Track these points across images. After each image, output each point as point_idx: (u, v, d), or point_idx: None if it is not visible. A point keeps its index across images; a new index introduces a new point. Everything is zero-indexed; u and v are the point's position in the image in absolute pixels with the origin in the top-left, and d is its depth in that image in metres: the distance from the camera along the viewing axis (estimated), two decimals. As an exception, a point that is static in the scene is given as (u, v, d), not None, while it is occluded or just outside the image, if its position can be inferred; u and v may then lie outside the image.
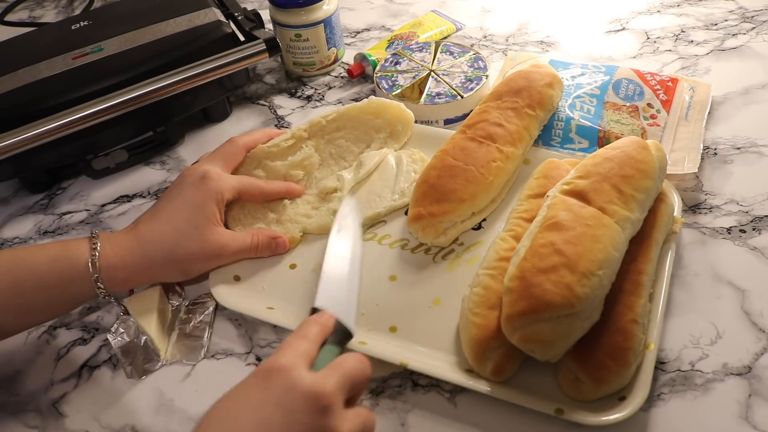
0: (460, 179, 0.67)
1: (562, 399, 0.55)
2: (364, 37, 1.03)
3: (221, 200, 0.66)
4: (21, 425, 0.60)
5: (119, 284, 0.63)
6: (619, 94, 0.79)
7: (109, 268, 0.61)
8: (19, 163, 0.78)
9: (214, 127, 0.90)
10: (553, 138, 0.76)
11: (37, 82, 0.77)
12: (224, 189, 0.66)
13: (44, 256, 0.61)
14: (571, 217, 0.57)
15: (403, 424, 0.57)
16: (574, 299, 0.52)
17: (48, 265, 0.60)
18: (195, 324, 0.65)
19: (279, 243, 0.69)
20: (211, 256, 0.65)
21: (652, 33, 0.96)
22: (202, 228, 0.64)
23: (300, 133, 0.76)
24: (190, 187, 0.65)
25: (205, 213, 0.64)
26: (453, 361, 0.59)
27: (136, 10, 0.88)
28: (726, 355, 0.58)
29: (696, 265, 0.65)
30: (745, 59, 0.89)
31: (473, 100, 0.82)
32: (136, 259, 0.62)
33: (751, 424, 0.54)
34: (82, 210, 0.81)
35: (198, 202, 0.64)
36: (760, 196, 0.71)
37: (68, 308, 0.64)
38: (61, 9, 1.22)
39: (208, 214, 0.64)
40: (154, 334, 0.62)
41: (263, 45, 0.81)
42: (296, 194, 0.73)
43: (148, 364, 0.63)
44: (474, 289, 0.60)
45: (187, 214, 0.64)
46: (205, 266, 0.66)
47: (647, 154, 0.63)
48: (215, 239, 0.65)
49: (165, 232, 0.63)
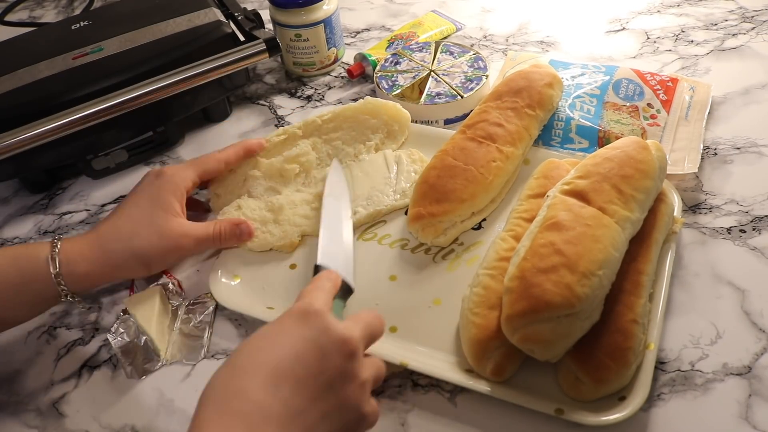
0: (460, 179, 0.67)
1: (562, 399, 0.55)
2: (364, 37, 1.03)
3: (178, 191, 0.67)
4: (21, 425, 0.60)
5: (81, 280, 0.62)
6: (619, 94, 0.79)
7: (69, 263, 0.61)
8: (19, 163, 0.78)
9: (214, 127, 0.90)
10: (553, 138, 0.76)
11: (37, 82, 0.77)
12: (180, 180, 0.67)
13: (5, 256, 0.61)
14: (571, 217, 0.57)
15: (403, 424, 0.57)
16: (574, 299, 0.52)
17: (9, 262, 0.60)
18: (195, 324, 0.65)
19: (243, 230, 0.69)
20: (171, 246, 0.65)
21: (652, 33, 0.96)
22: (160, 219, 0.64)
23: (293, 130, 0.76)
24: (146, 185, 0.67)
25: (162, 204, 0.65)
26: (453, 361, 0.59)
27: (136, 10, 0.88)
28: (726, 355, 0.58)
29: (696, 265, 0.65)
30: (745, 59, 0.89)
31: (473, 100, 0.82)
32: (96, 253, 0.63)
33: (751, 424, 0.54)
34: (82, 210, 0.81)
35: (154, 195, 0.66)
36: (760, 196, 0.71)
37: (32, 310, 0.63)
38: (61, 9, 1.22)
39: (165, 205, 0.65)
40: (153, 334, 0.62)
41: (263, 45, 0.81)
42: (254, 149, 0.74)
43: (148, 364, 0.62)
44: (474, 289, 0.60)
45: (144, 207, 0.65)
46: (167, 257, 0.66)
47: (647, 154, 0.63)
48: (173, 229, 0.65)
49: (123, 225, 0.64)
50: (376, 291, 0.65)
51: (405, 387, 0.59)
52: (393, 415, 0.57)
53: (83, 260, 0.62)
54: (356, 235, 0.71)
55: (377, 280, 0.66)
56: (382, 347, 0.59)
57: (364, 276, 0.67)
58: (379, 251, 0.69)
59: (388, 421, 0.57)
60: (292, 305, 0.50)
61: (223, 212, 0.72)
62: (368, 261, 0.68)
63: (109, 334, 0.63)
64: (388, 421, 0.57)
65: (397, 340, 0.61)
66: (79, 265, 0.62)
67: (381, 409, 0.58)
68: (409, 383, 0.60)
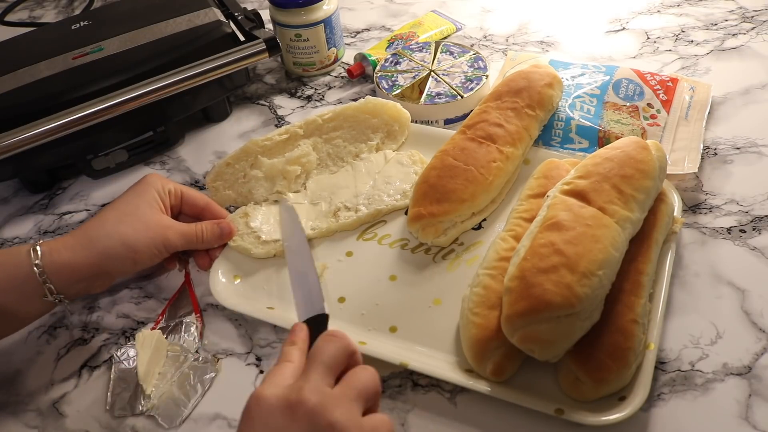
0: (461, 179, 0.67)
1: (562, 399, 0.55)
2: (364, 37, 1.03)
3: (161, 189, 0.67)
4: (21, 425, 0.60)
5: (64, 271, 0.60)
6: (619, 94, 0.79)
7: (51, 252, 0.60)
8: (19, 163, 0.78)
9: (214, 127, 0.90)
10: (553, 138, 0.76)
11: (37, 82, 0.77)
12: (164, 180, 0.68)
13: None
14: (571, 217, 0.57)
15: (403, 424, 0.57)
16: (574, 299, 0.52)
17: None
18: (190, 384, 0.61)
19: (224, 228, 0.69)
20: (157, 238, 0.64)
21: (652, 33, 0.96)
22: (145, 210, 0.65)
23: (295, 129, 0.76)
24: (131, 187, 0.68)
25: (147, 198, 0.66)
26: (453, 361, 0.59)
27: (136, 10, 0.88)
28: (726, 355, 0.58)
29: (696, 265, 0.65)
30: (745, 59, 0.89)
31: (473, 100, 0.82)
32: (80, 240, 0.62)
33: (751, 424, 0.54)
34: (82, 210, 0.81)
35: (139, 191, 0.66)
36: (760, 196, 0.71)
37: (19, 313, 0.61)
38: (61, 9, 1.22)
39: (150, 199, 0.66)
40: (142, 378, 0.60)
41: (263, 45, 0.81)
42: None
43: (134, 403, 0.60)
44: (474, 289, 0.60)
45: (129, 201, 0.65)
46: (153, 250, 0.64)
47: (647, 154, 0.63)
48: (159, 221, 0.65)
49: (109, 216, 0.64)
50: (376, 291, 0.65)
51: (405, 387, 0.59)
52: (393, 415, 0.57)
53: (66, 249, 0.61)
54: (356, 235, 0.71)
55: (377, 280, 0.66)
56: (382, 347, 0.60)
57: (364, 276, 0.67)
58: (379, 251, 0.69)
59: (388, 421, 0.57)
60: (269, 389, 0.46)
61: (231, 219, 0.71)
62: (368, 261, 0.68)
63: (116, 352, 0.63)
64: (388, 421, 0.57)
65: (397, 340, 0.61)
66: (62, 254, 0.60)
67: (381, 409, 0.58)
68: (409, 383, 0.60)
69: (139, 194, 0.66)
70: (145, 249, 0.64)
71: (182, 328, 0.65)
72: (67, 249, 0.61)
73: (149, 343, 0.62)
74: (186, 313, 0.67)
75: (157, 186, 0.67)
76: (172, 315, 0.67)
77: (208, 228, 0.68)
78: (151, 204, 0.66)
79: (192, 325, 0.65)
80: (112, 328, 0.67)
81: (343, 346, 0.49)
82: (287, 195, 0.74)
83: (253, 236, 0.70)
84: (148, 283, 0.71)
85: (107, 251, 0.62)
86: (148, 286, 0.70)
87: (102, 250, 0.62)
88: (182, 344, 0.63)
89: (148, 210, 0.65)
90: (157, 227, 0.65)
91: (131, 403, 0.60)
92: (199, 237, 0.67)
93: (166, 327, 0.66)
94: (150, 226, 0.64)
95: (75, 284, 0.62)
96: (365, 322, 0.63)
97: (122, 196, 0.67)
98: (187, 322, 0.65)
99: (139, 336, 0.62)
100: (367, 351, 0.58)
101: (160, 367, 0.62)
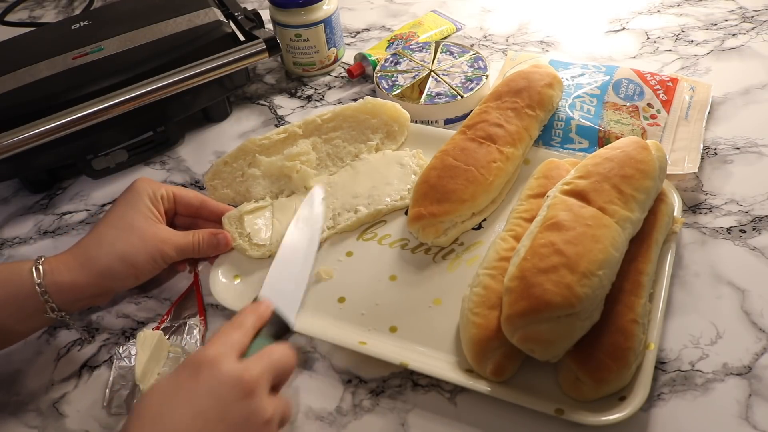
0: (461, 179, 0.67)
1: (562, 399, 0.55)
2: (364, 37, 1.03)
3: (153, 196, 0.66)
4: (21, 425, 0.60)
5: (66, 291, 0.60)
6: (619, 94, 0.79)
7: (53, 272, 0.60)
8: (19, 163, 0.78)
9: (214, 127, 0.90)
10: (553, 138, 0.76)
11: (37, 82, 0.77)
12: (155, 185, 0.67)
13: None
14: (571, 217, 0.57)
15: (403, 424, 0.57)
16: (574, 299, 0.52)
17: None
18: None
19: (221, 239, 0.68)
20: (155, 252, 0.64)
21: (652, 33, 0.96)
22: (141, 224, 0.64)
23: (294, 129, 0.76)
24: (122, 195, 0.67)
25: (141, 208, 0.65)
26: (453, 361, 0.59)
27: (136, 10, 0.88)
28: (726, 355, 0.58)
29: (696, 265, 0.65)
30: (745, 59, 0.89)
31: (473, 100, 0.82)
32: (81, 261, 0.61)
33: (751, 424, 0.54)
34: (82, 210, 0.81)
35: (131, 201, 0.65)
36: (760, 196, 0.71)
37: (20, 326, 0.61)
38: (61, 9, 1.22)
39: (144, 209, 0.65)
40: (139, 376, 0.60)
41: (263, 45, 0.81)
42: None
43: (131, 402, 0.60)
44: (474, 289, 0.60)
45: (123, 213, 0.65)
46: (152, 264, 0.64)
47: (647, 154, 0.63)
48: (154, 232, 0.64)
49: (105, 232, 0.63)
50: (376, 291, 0.65)
51: (405, 387, 0.59)
52: (393, 415, 0.57)
53: (67, 270, 0.61)
54: (356, 235, 0.71)
55: (377, 280, 0.66)
56: (382, 347, 0.59)
57: (364, 276, 0.67)
58: (379, 251, 0.69)
59: (388, 421, 0.57)
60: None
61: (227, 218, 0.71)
62: (368, 261, 0.68)
63: (117, 350, 0.62)
64: (388, 421, 0.57)
65: (397, 340, 0.61)
66: (64, 275, 0.60)
67: (381, 409, 0.58)
68: (409, 383, 0.60)
69: (133, 205, 0.65)
70: (144, 264, 0.64)
71: (185, 329, 0.65)
72: (68, 270, 0.61)
73: (149, 344, 0.62)
74: (190, 315, 0.67)
75: (148, 192, 0.66)
76: (176, 315, 0.67)
77: (205, 239, 0.68)
78: (146, 215, 0.65)
79: (195, 327, 0.65)
80: (112, 328, 0.67)
81: (293, 366, 0.52)
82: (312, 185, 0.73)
83: (246, 239, 0.70)
84: (149, 283, 0.70)
85: (107, 271, 0.62)
86: (148, 286, 0.70)
87: (102, 270, 0.62)
88: (184, 346, 0.63)
89: (144, 223, 0.64)
90: (154, 240, 0.64)
91: (128, 402, 0.60)
92: (196, 249, 0.67)
93: (169, 327, 0.65)
94: (147, 241, 0.64)
95: (77, 302, 0.62)
96: (365, 322, 0.63)
97: (115, 208, 0.65)
98: (191, 324, 0.65)
99: (140, 335, 0.62)
100: (367, 351, 0.58)
101: (160, 367, 0.62)
